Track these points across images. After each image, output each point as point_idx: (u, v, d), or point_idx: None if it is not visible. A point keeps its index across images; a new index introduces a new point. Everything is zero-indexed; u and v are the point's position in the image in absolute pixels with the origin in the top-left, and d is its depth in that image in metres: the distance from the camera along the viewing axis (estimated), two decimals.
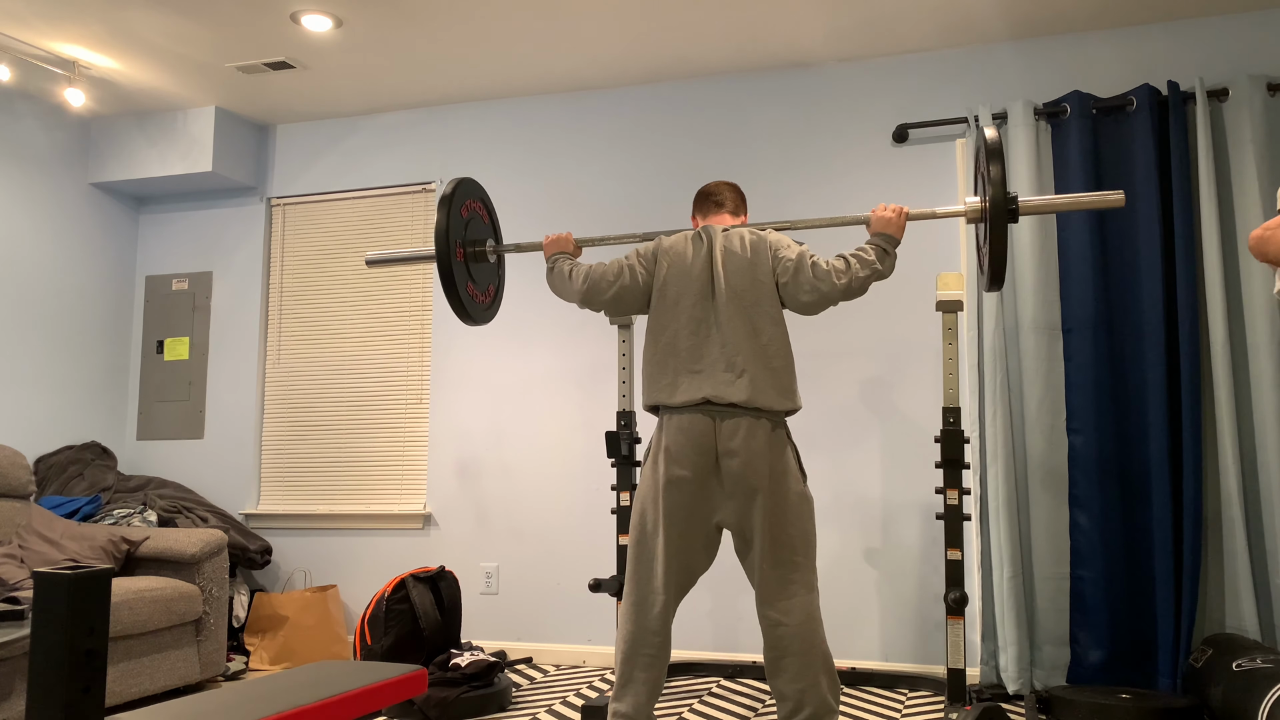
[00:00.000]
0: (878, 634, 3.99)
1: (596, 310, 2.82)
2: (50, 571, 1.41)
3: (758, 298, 2.61)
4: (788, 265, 2.62)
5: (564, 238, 2.94)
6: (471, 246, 3.10)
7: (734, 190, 2.89)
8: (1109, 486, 3.64)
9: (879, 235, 2.66)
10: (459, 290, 2.98)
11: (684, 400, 2.58)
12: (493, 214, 3.25)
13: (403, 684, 2.14)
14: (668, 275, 2.68)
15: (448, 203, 2.96)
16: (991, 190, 2.63)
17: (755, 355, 2.57)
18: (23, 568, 3.67)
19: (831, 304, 2.62)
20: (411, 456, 4.68)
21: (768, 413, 2.57)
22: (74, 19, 3.89)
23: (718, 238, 2.69)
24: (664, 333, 2.65)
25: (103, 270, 4.99)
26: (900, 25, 3.94)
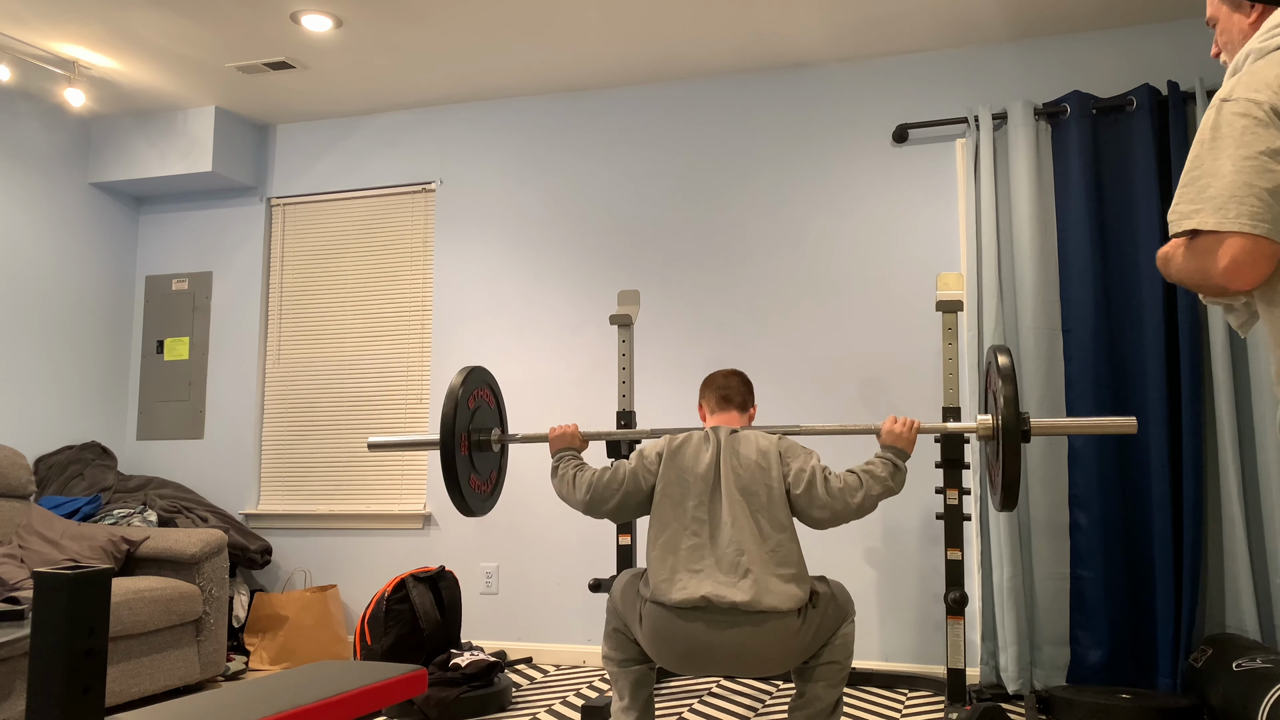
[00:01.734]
0: (878, 634, 3.99)
1: (599, 518, 2.78)
2: (50, 571, 1.41)
3: (767, 501, 2.52)
4: (800, 476, 2.54)
5: (569, 432, 2.87)
6: (476, 435, 3.06)
7: (743, 383, 2.83)
8: (1109, 486, 3.64)
9: (889, 449, 2.60)
10: (460, 483, 2.94)
11: (681, 599, 2.43)
12: (500, 401, 3.22)
13: (403, 684, 2.14)
14: (672, 476, 2.59)
15: (455, 395, 2.92)
16: (1004, 410, 2.60)
17: (762, 558, 2.46)
18: (23, 568, 3.67)
19: (844, 522, 2.54)
20: (411, 456, 4.68)
21: (773, 614, 2.42)
22: (74, 19, 3.89)
23: (726, 440, 2.62)
24: (665, 531, 2.54)
25: (103, 270, 4.99)
26: (900, 25, 3.94)
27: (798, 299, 4.22)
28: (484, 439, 3.10)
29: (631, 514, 2.68)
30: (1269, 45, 1.49)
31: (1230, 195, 1.42)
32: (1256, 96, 1.44)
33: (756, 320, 4.27)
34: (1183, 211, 1.49)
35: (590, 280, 4.51)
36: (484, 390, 3.12)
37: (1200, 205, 1.45)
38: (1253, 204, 1.41)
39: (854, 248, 4.18)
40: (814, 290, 4.21)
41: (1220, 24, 1.68)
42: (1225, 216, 1.42)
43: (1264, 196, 1.41)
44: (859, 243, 4.18)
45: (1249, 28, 1.62)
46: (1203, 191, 1.45)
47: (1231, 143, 1.44)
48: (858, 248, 4.17)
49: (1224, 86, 1.51)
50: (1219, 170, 1.44)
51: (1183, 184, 1.51)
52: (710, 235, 4.37)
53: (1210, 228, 1.43)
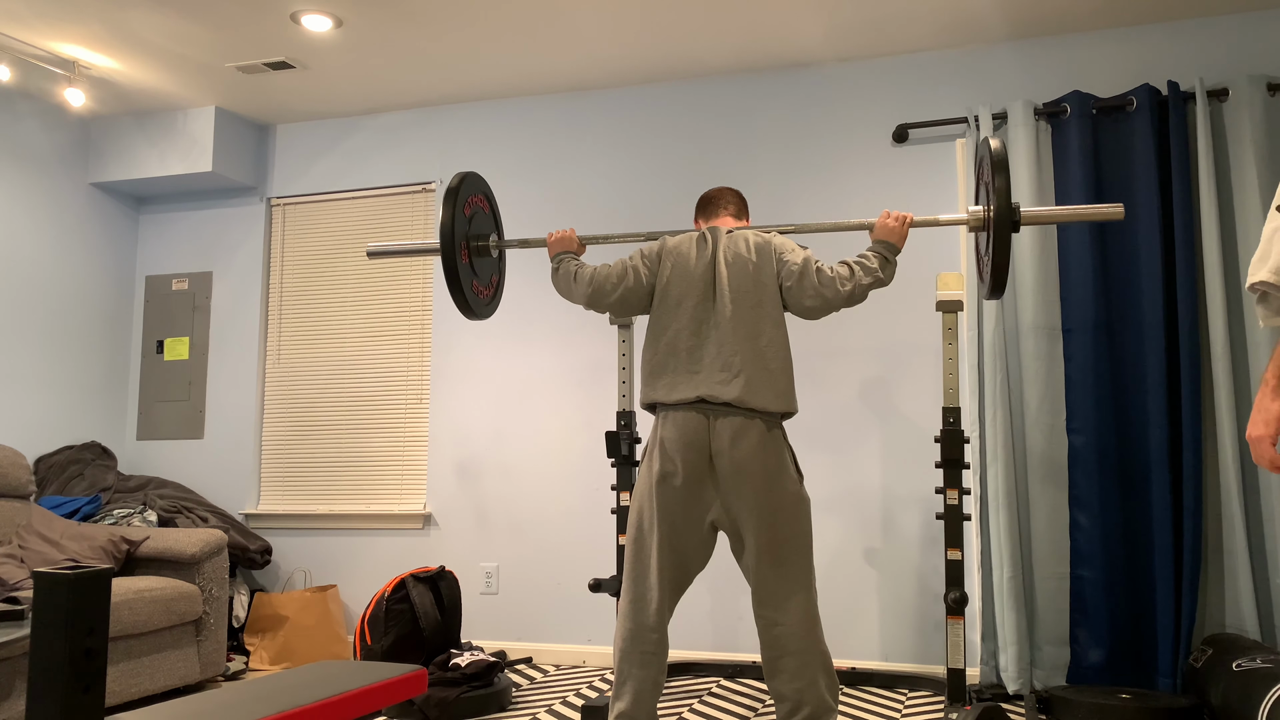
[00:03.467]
0: (878, 634, 3.99)
1: (601, 312, 2.83)
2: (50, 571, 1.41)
3: (760, 299, 2.62)
4: (792, 269, 2.64)
5: (568, 235, 2.94)
6: (475, 241, 3.10)
7: (736, 195, 2.92)
8: (1109, 486, 3.64)
9: (880, 243, 2.68)
10: (464, 287, 2.98)
11: (679, 398, 2.59)
12: (495, 207, 3.25)
13: (403, 684, 2.14)
14: (671, 276, 2.69)
15: (453, 198, 2.96)
16: (996, 200, 2.63)
17: (753, 357, 2.58)
18: (23, 568, 3.67)
19: (834, 310, 2.63)
20: (411, 456, 4.68)
21: (762, 413, 2.57)
22: (74, 19, 3.89)
23: (722, 239, 2.70)
24: (665, 333, 2.66)
25: (103, 270, 4.99)
26: (900, 25, 3.94)
27: None
28: (482, 244, 3.13)
29: (632, 309, 2.77)
30: None
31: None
32: None
33: None
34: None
35: None
36: (479, 197, 3.13)
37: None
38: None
39: (854, 247, 4.17)
40: None
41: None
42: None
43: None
44: (859, 242, 4.18)
45: None
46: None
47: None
48: (858, 247, 4.17)
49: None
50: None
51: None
52: None
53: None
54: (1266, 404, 1.61)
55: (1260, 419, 1.62)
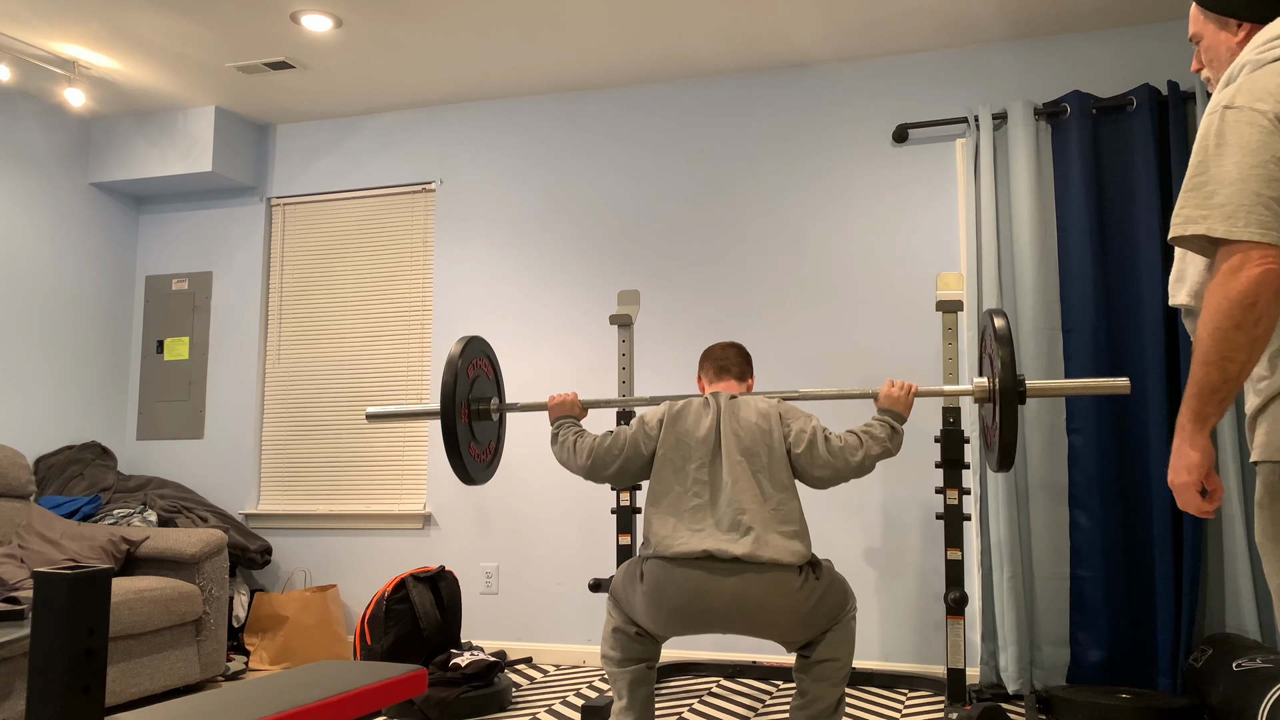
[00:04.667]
0: (878, 634, 3.99)
1: (599, 484, 2.83)
2: (50, 571, 1.41)
3: (768, 462, 2.56)
4: (801, 436, 2.59)
5: (568, 400, 2.89)
6: (475, 405, 3.08)
7: (741, 355, 2.87)
8: (1109, 486, 3.64)
9: (886, 412, 2.65)
10: (462, 451, 2.96)
11: (681, 552, 2.46)
12: (498, 371, 3.23)
13: (403, 684, 2.14)
14: (673, 441, 2.62)
15: (455, 364, 2.93)
16: (1002, 374, 2.61)
17: (763, 517, 2.49)
18: (23, 567, 3.67)
19: (844, 480, 2.58)
20: (411, 456, 4.68)
21: (772, 565, 2.45)
22: (74, 19, 3.89)
23: (725, 404, 2.65)
24: (667, 495, 2.58)
25: (103, 270, 4.99)
26: (900, 25, 3.94)
27: (798, 298, 4.22)
28: (483, 408, 3.12)
29: (632, 479, 2.72)
30: (1266, 58, 1.51)
31: (1239, 204, 1.43)
32: (1260, 105, 1.45)
33: (756, 319, 4.26)
34: (1188, 215, 1.48)
35: (590, 280, 4.51)
36: (482, 360, 3.13)
37: (1207, 211, 1.45)
38: (1261, 213, 1.42)
39: (854, 248, 4.18)
40: (814, 290, 4.21)
41: (1205, 41, 1.70)
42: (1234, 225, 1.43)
43: (1271, 205, 1.42)
44: (859, 242, 4.18)
45: (1236, 45, 1.64)
46: (1210, 198, 1.46)
47: (1237, 149, 1.45)
48: (858, 247, 4.17)
49: (1223, 94, 1.51)
50: (1225, 177, 1.44)
51: (1186, 188, 1.50)
52: (710, 235, 4.37)
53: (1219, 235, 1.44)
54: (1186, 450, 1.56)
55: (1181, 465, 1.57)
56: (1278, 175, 1.42)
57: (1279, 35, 1.52)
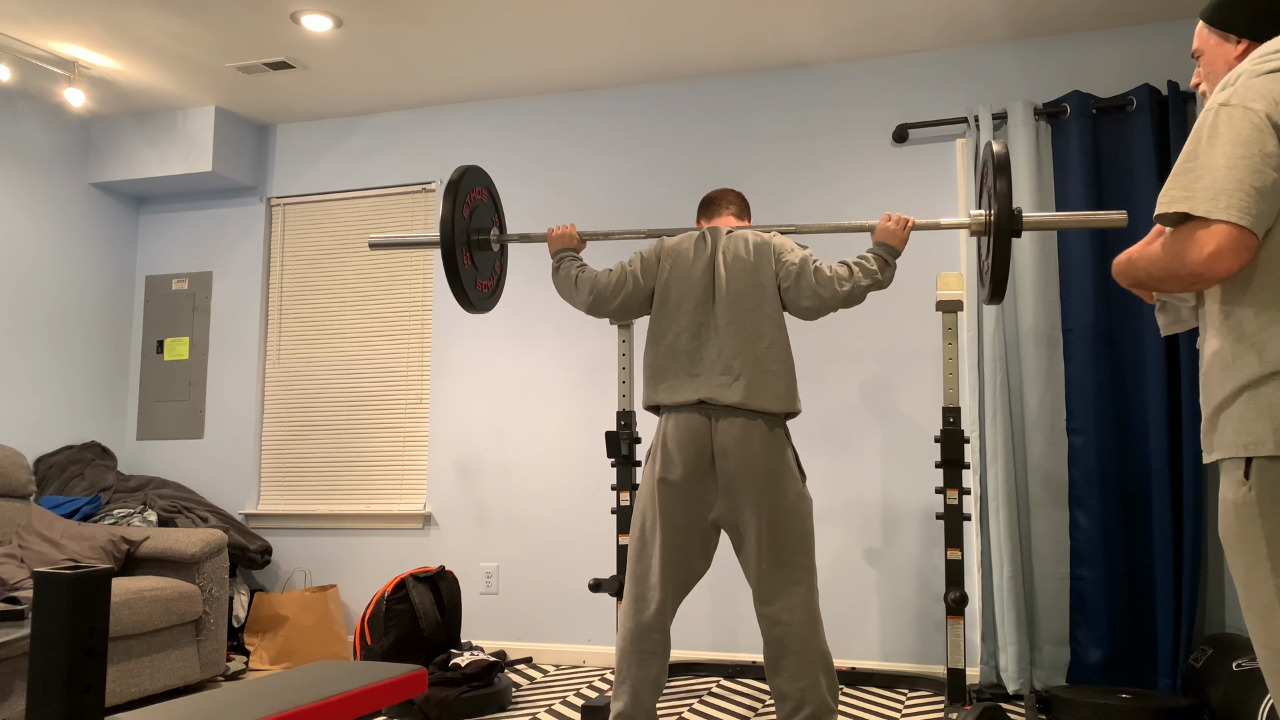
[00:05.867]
0: (878, 634, 3.99)
1: (602, 318, 2.85)
2: (50, 571, 1.41)
3: (759, 301, 2.62)
4: (790, 269, 2.64)
5: (568, 232, 2.93)
6: (476, 235, 3.10)
7: (738, 195, 2.92)
8: (1109, 486, 3.64)
9: (880, 245, 2.67)
10: (464, 281, 2.98)
11: (681, 400, 2.60)
12: (496, 199, 3.24)
13: (403, 684, 2.14)
14: (670, 278, 2.70)
15: (454, 191, 2.95)
16: (998, 204, 2.61)
17: (753, 359, 2.58)
18: (23, 568, 3.67)
19: (832, 310, 2.63)
20: (411, 456, 4.68)
21: (764, 414, 2.57)
22: (74, 19, 3.89)
23: (721, 239, 2.70)
24: (665, 335, 2.67)
25: (103, 270, 4.99)
26: (900, 25, 3.94)
27: None
28: (483, 238, 3.13)
29: (633, 314, 2.79)
30: (1262, 68, 1.59)
31: (1222, 188, 1.51)
32: (1254, 105, 1.54)
33: None
34: (1173, 196, 1.57)
35: None
36: (480, 190, 3.13)
37: (1191, 194, 1.54)
38: (1241, 198, 1.50)
39: (854, 248, 4.18)
40: None
41: (1206, 56, 1.79)
42: (1215, 205, 1.51)
43: (1251, 193, 1.50)
44: (859, 243, 4.18)
45: (1234, 59, 1.73)
46: (1196, 182, 1.54)
47: (1228, 141, 1.53)
48: (858, 248, 4.17)
49: (1219, 95, 1.60)
50: (1213, 165, 1.53)
51: (1176, 173, 1.59)
52: None
53: (1200, 214, 1.52)
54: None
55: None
56: (1263, 168, 1.51)
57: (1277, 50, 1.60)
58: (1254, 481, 1.54)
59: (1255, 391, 1.55)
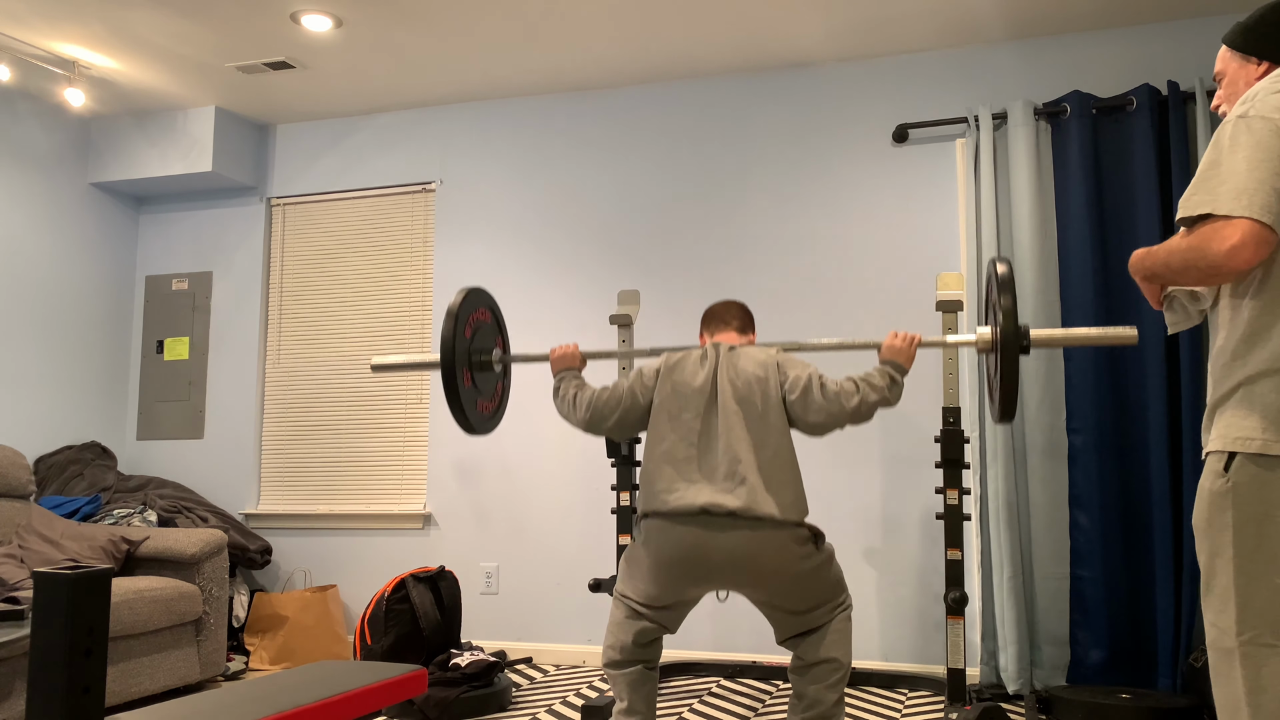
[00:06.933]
0: (878, 634, 3.99)
1: (599, 436, 2.83)
2: (50, 571, 1.41)
3: (764, 411, 2.54)
4: (796, 383, 2.56)
5: (570, 353, 2.89)
6: (478, 355, 3.07)
7: (741, 310, 2.86)
8: (1109, 486, 3.64)
9: (888, 363, 2.62)
10: (464, 403, 2.95)
11: (678, 507, 2.47)
12: (499, 319, 3.21)
13: (403, 684, 2.14)
14: (669, 392, 2.61)
15: (454, 316, 2.92)
16: (1003, 322, 2.57)
17: (758, 467, 2.48)
18: (23, 568, 3.67)
19: (839, 426, 2.56)
20: (411, 456, 4.68)
21: (769, 520, 2.45)
22: (74, 19, 3.89)
23: (724, 355, 2.65)
24: (662, 443, 2.57)
25: (103, 270, 4.99)
26: (900, 25, 3.94)
27: (798, 298, 4.22)
28: (485, 359, 3.11)
29: (631, 430, 2.72)
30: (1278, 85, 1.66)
31: (1244, 188, 1.56)
32: (1271, 115, 1.60)
33: (756, 319, 4.26)
34: (1199, 200, 1.62)
35: (590, 280, 4.51)
36: (483, 310, 3.12)
37: (1215, 196, 1.59)
38: (1265, 197, 1.56)
39: (854, 248, 4.18)
40: (814, 290, 4.21)
41: (1228, 77, 1.86)
42: (1238, 204, 1.56)
43: (1273, 193, 1.56)
44: (859, 243, 4.18)
45: (1254, 79, 1.81)
46: (1219, 186, 1.59)
47: (1248, 147, 1.59)
48: (858, 248, 4.18)
49: (1238, 109, 1.66)
50: (1235, 169, 1.59)
51: (1198, 179, 1.64)
52: (710, 234, 4.37)
53: (1224, 213, 1.57)
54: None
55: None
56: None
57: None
58: (1233, 474, 1.62)
59: (1250, 388, 1.62)
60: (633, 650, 2.64)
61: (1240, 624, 1.59)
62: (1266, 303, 1.61)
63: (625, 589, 2.66)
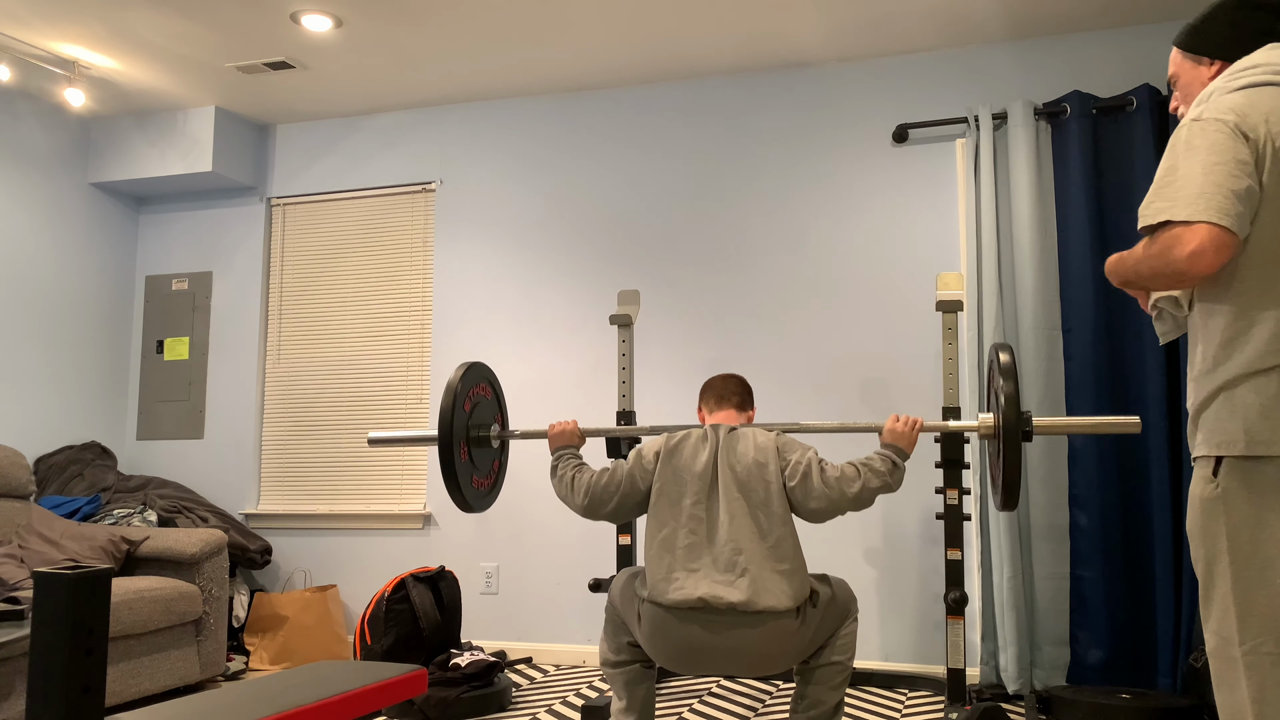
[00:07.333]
0: (878, 634, 3.99)
1: (597, 520, 2.83)
2: (50, 571, 1.41)
3: (765, 498, 2.51)
4: (797, 468, 2.53)
5: (568, 429, 2.86)
6: (476, 430, 3.06)
7: (741, 385, 2.83)
8: (1109, 486, 3.64)
9: (889, 446, 2.60)
10: (459, 477, 2.94)
11: (677, 600, 2.44)
12: (499, 394, 3.21)
13: (403, 684, 2.14)
14: (670, 477, 2.58)
15: (454, 391, 2.92)
16: (1005, 409, 2.56)
17: (760, 556, 2.45)
18: (23, 568, 3.67)
19: (840, 513, 2.53)
20: (411, 456, 4.68)
21: (769, 613, 2.41)
22: (74, 19, 3.89)
23: (724, 437, 2.61)
24: (662, 529, 2.53)
25: (103, 270, 4.99)
26: (900, 25, 3.94)
27: (798, 298, 4.22)
28: (483, 435, 3.10)
29: (630, 515, 2.67)
30: (1233, 85, 1.68)
31: (1201, 192, 1.58)
32: (1225, 117, 1.62)
33: (756, 320, 4.26)
34: (1157, 208, 1.63)
35: (590, 280, 4.51)
36: (483, 385, 3.12)
37: (1173, 203, 1.60)
38: (1221, 200, 1.57)
39: (854, 248, 4.18)
40: (814, 290, 4.21)
41: (1181, 79, 1.87)
42: (1195, 209, 1.57)
43: (1229, 196, 1.57)
44: (859, 243, 4.18)
45: (1207, 79, 1.82)
46: (1177, 192, 1.61)
47: (1203, 151, 1.61)
48: (858, 248, 4.18)
49: (1192, 112, 1.68)
50: (1191, 174, 1.60)
51: (1157, 185, 1.65)
52: (710, 235, 4.37)
53: (1181, 219, 1.58)
54: None
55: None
56: (1238, 173, 1.58)
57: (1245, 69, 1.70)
58: (1222, 479, 1.63)
59: (1230, 393, 1.63)
60: (629, 650, 2.65)
61: (1242, 633, 1.58)
62: (1241, 307, 1.63)
63: (622, 614, 2.65)
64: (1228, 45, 1.79)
